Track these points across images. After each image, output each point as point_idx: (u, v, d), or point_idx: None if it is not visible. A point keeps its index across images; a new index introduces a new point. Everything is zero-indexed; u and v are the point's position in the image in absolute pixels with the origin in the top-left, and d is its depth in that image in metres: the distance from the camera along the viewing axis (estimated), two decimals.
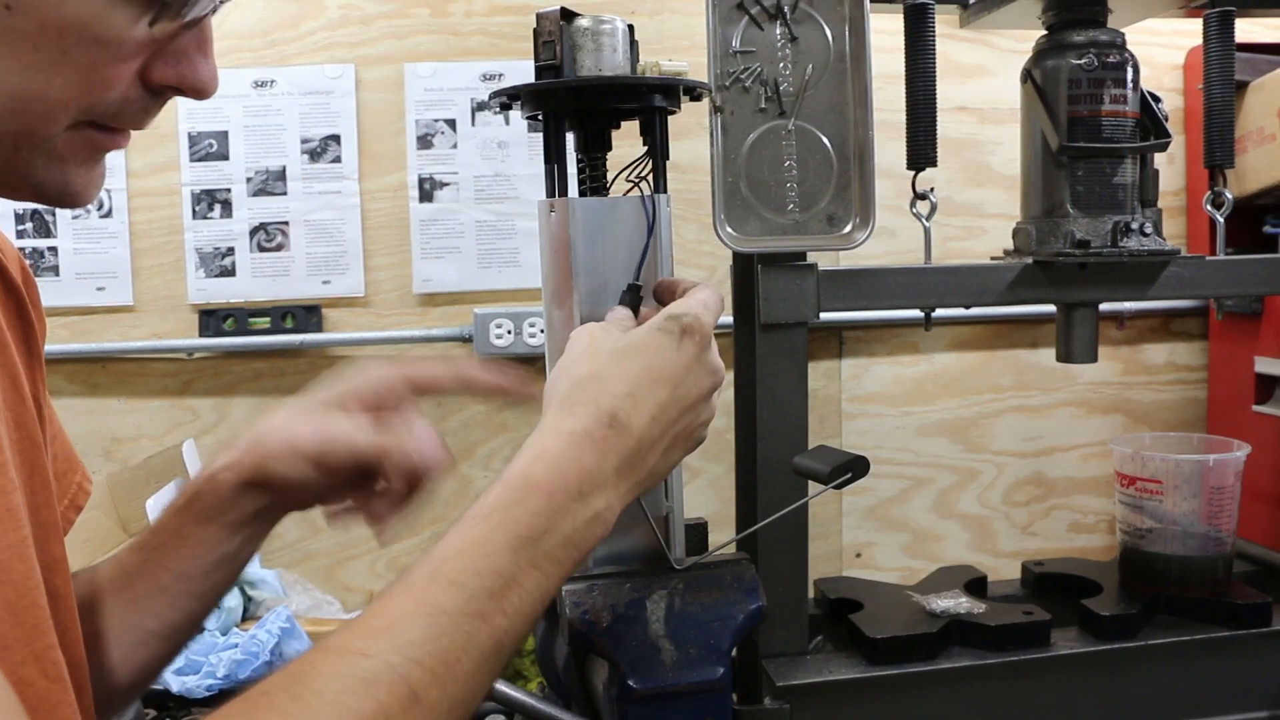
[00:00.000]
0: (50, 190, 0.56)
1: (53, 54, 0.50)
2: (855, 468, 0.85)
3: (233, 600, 1.63)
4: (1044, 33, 1.26)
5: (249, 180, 1.83)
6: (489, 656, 0.57)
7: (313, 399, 0.76)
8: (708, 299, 0.75)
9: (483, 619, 0.57)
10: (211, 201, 1.83)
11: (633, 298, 0.83)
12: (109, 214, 1.81)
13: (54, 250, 1.81)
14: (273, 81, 1.83)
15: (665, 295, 0.81)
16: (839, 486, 0.85)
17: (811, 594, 1.28)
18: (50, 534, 0.64)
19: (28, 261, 1.87)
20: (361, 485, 0.75)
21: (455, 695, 0.54)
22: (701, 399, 0.72)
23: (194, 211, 1.83)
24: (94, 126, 0.55)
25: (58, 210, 1.80)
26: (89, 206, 1.80)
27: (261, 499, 0.75)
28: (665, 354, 0.70)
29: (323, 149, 1.84)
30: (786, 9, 1.07)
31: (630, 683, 0.83)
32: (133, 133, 0.58)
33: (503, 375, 0.79)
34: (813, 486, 0.90)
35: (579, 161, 0.91)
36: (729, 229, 1.08)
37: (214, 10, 0.55)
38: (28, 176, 0.54)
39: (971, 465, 1.99)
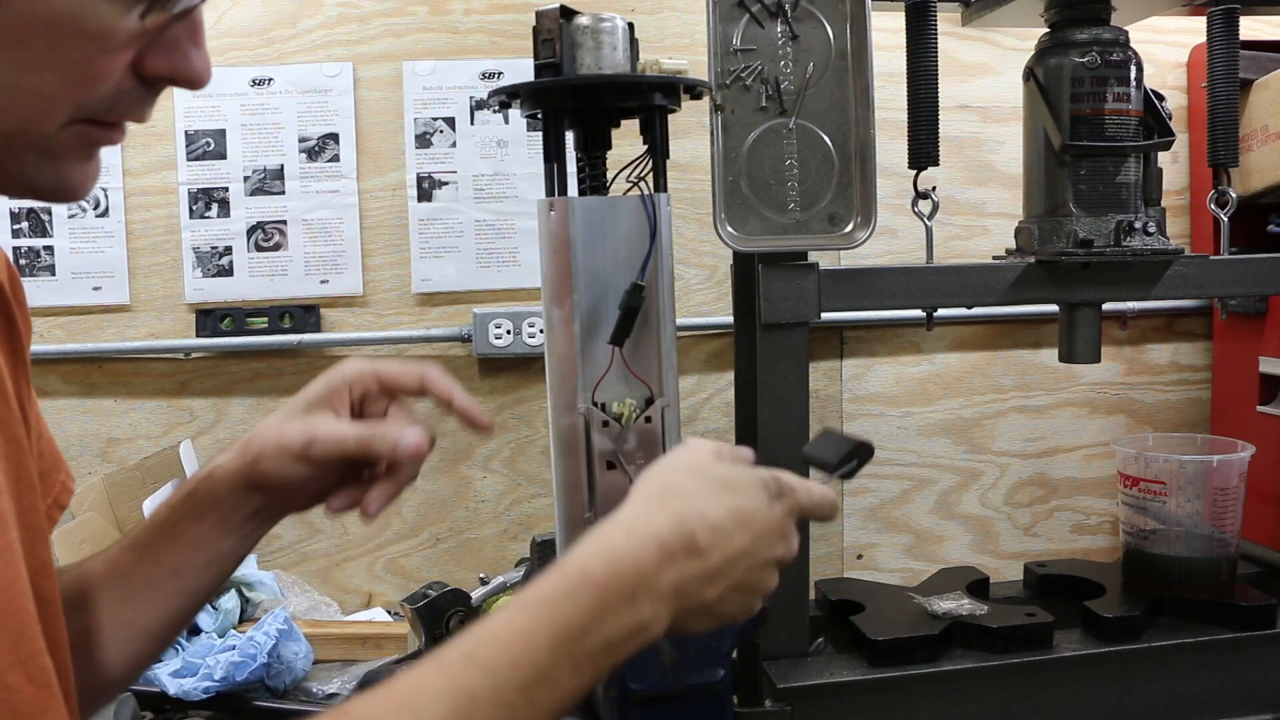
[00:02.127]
0: (45, 187, 0.55)
1: (41, 50, 0.50)
2: (860, 454, 0.84)
3: (230, 602, 1.62)
4: (1046, 31, 1.25)
5: (246, 179, 1.82)
6: None
7: (300, 400, 0.77)
8: (824, 492, 0.74)
9: (509, 709, 0.56)
10: (209, 201, 1.82)
11: (635, 297, 0.82)
12: (105, 213, 1.80)
13: (50, 249, 1.80)
14: (270, 80, 1.82)
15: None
16: (846, 476, 0.85)
17: (812, 595, 1.28)
18: (37, 538, 0.64)
19: (23, 260, 1.86)
20: (352, 477, 0.76)
21: None
22: (772, 561, 0.71)
23: (191, 211, 1.82)
24: (90, 122, 0.54)
25: (54, 209, 1.80)
26: (85, 205, 1.79)
27: (257, 499, 0.76)
28: (759, 504, 0.69)
29: (321, 148, 1.83)
30: (787, 7, 1.06)
31: (630, 685, 0.82)
32: (130, 131, 0.58)
33: (464, 398, 0.78)
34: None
35: (579, 160, 0.91)
36: (730, 228, 1.07)
37: (203, 0, 0.55)
38: (21, 173, 0.54)
39: (973, 466, 1.98)
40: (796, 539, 0.73)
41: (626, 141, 0.91)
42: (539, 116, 0.88)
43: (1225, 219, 1.24)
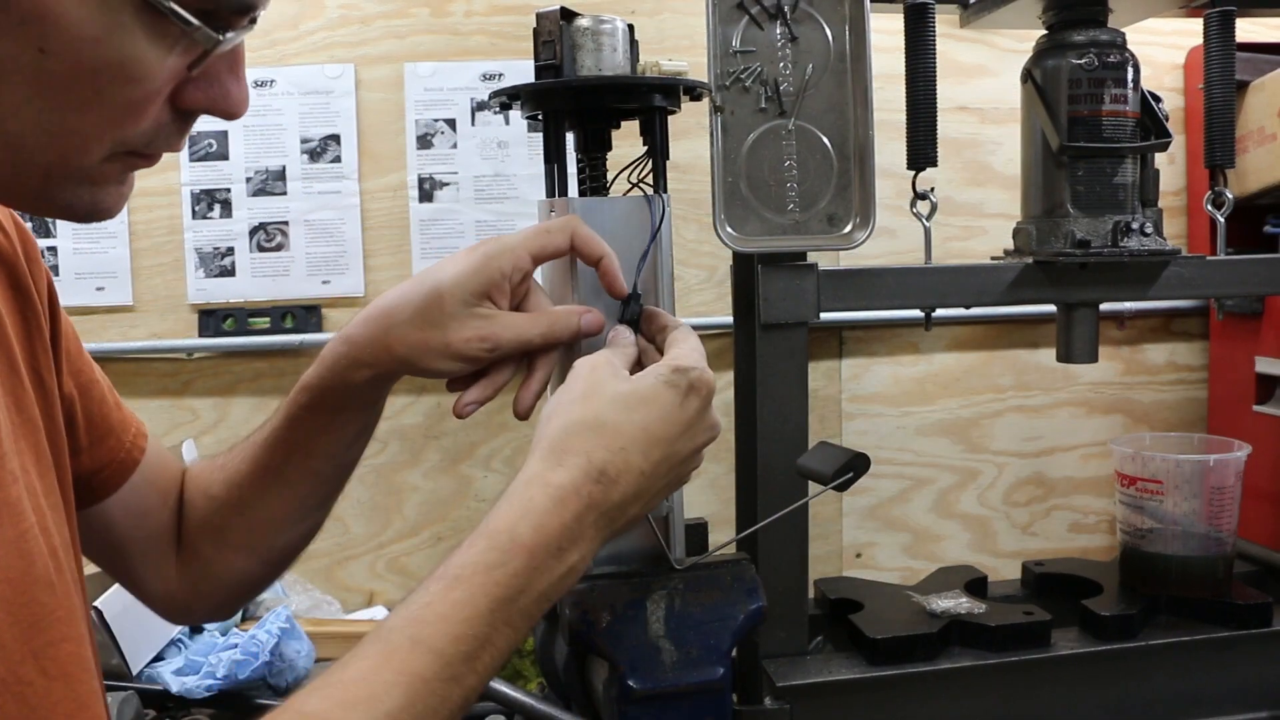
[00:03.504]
0: (80, 210, 0.56)
1: (86, 94, 0.50)
2: (856, 466, 0.85)
3: None
4: (1044, 32, 1.26)
5: (249, 180, 1.83)
6: (456, 713, 0.59)
7: (456, 290, 0.74)
8: (700, 347, 0.75)
9: (456, 682, 0.58)
10: (211, 201, 1.83)
11: (632, 309, 0.82)
12: None
13: (53, 250, 1.81)
14: (272, 81, 1.83)
15: (654, 330, 0.81)
16: (841, 488, 0.85)
17: (811, 594, 1.28)
18: (62, 515, 0.64)
19: None
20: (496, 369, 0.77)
21: None
22: (694, 452, 0.72)
23: (193, 211, 1.83)
24: (129, 154, 0.55)
25: None
26: None
27: (395, 378, 0.78)
28: (668, 410, 0.69)
29: (322, 149, 1.84)
30: (786, 9, 1.07)
31: (630, 683, 0.83)
32: None
33: (612, 261, 0.78)
34: (813, 486, 0.89)
35: (579, 161, 0.91)
36: (729, 229, 1.08)
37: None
38: (57, 199, 0.55)
39: (972, 465, 1.99)
40: (717, 418, 0.73)
41: (627, 142, 0.91)
42: (539, 118, 0.89)
43: (1222, 220, 1.25)
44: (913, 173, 1.20)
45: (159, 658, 1.49)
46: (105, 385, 0.79)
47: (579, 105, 0.88)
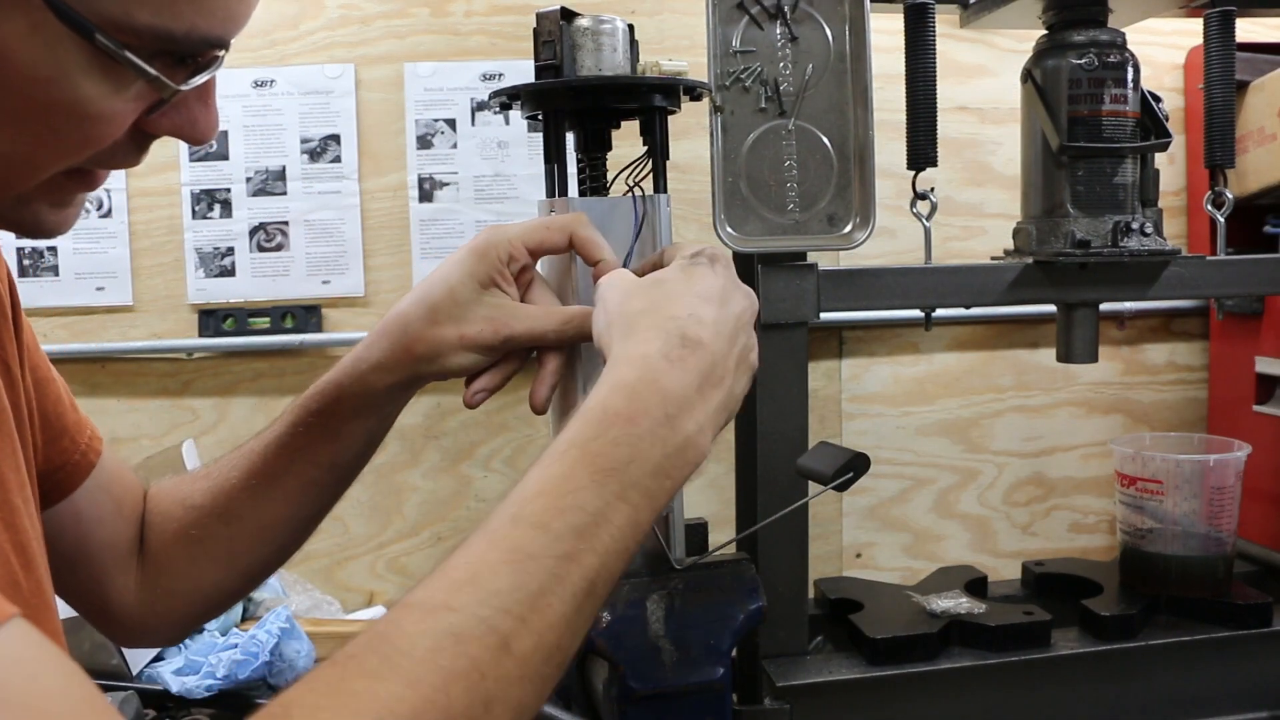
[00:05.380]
0: (24, 226, 0.55)
1: (40, 129, 0.49)
2: (856, 466, 0.85)
3: None
4: (1044, 32, 1.26)
5: (249, 180, 1.83)
6: (582, 598, 0.54)
7: (463, 281, 0.74)
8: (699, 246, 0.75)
9: (572, 560, 0.53)
10: (211, 201, 1.83)
11: None
12: (108, 214, 1.81)
13: (53, 250, 1.81)
14: (272, 81, 1.82)
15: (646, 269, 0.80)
16: (841, 488, 0.85)
17: (812, 594, 1.28)
18: (34, 508, 0.64)
19: (26, 261, 1.86)
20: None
21: (550, 642, 0.52)
22: (747, 316, 0.70)
23: (193, 211, 1.83)
24: (66, 172, 0.53)
25: None
26: (88, 206, 1.80)
27: (414, 387, 0.77)
28: (705, 279, 0.68)
29: (322, 149, 1.84)
30: (786, 9, 1.07)
31: (630, 683, 0.83)
32: None
33: (611, 258, 0.77)
34: (813, 487, 0.90)
35: (579, 161, 0.91)
36: (729, 229, 1.08)
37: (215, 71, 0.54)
38: (1, 217, 0.54)
39: (972, 465, 1.99)
40: (748, 288, 0.72)
41: (627, 142, 0.91)
42: (539, 118, 0.89)
43: (1222, 220, 1.25)
44: (913, 173, 1.20)
45: (159, 657, 1.49)
46: (61, 385, 0.76)
47: (579, 105, 0.88)
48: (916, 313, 1.22)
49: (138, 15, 0.47)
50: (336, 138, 1.84)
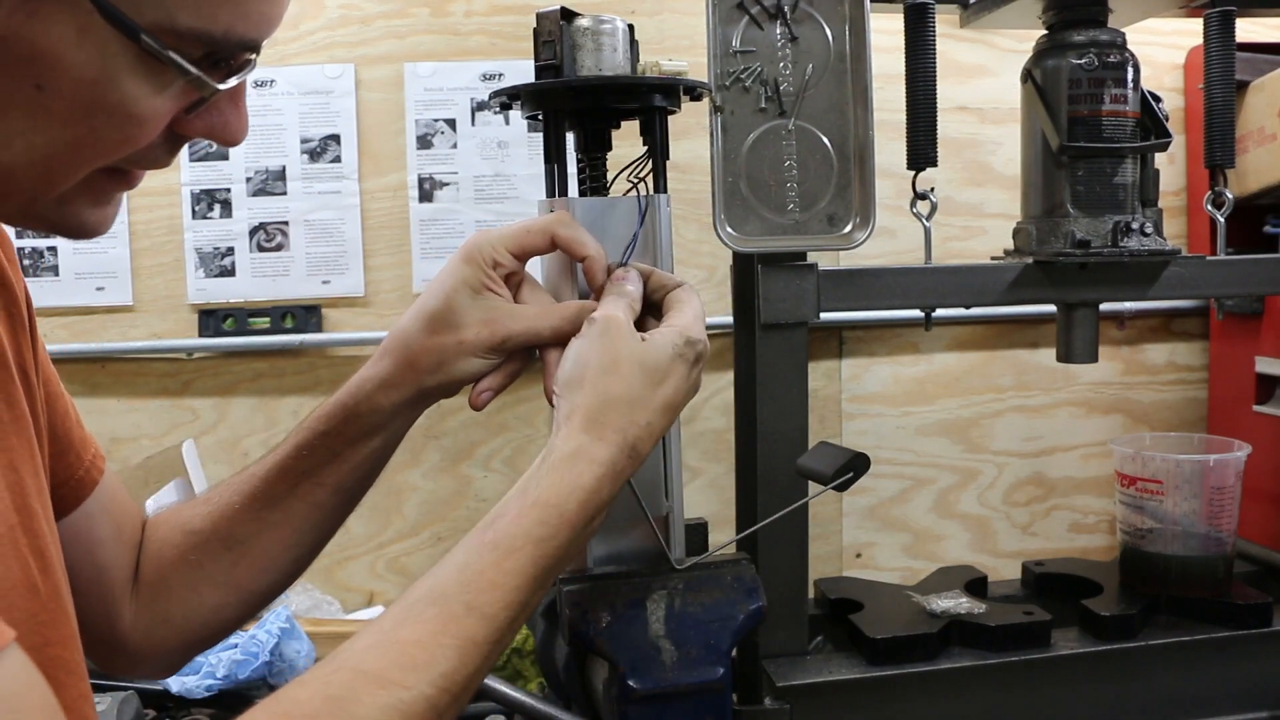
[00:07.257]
0: (64, 227, 0.57)
1: (82, 131, 0.51)
2: (856, 466, 0.85)
3: None
4: (1044, 32, 1.26)
5: (249, 180, 1.83)
6: (491, 669, 0.64)
7: (457, 289, 0.77)
8: (702, 312, 0.78)
9: (500, 643, 0.63)
10: (211, 201, 1.83)
11: None
12: None
13: (53, 250, 1.81)
14: (272, 81, 1.82)
15: (653, 288, 0.81)
16: (841, 488, 0.85)
17: (811, 594, 1.28)
18: (51, 512, 0.64)
19: (27, 261, 1.86)
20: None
21: (463, 704, 0.61)
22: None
23: (193, 211, 1.83)
24: (105, 171, 0.55)
25: None
26: None
27: (420, 405, 0.79)
28: (681, 381, 0.74)
29: (322, 149, 1.84)
30: (786, 9, 1.07)
31: (630, 683, 0.83)
32: None
33: (597, 251, 0.79)
34: (813, 486, 0.90)
35: (579, 161, 0.91)
36: (729, 229, 1.08)
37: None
38: (42, 218, 0.55)
39: (972, 465, 1.99)
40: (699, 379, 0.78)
41: (627, 142, 0.91)
42: (539, 118, 0.89)
43: (1222, 220, 1.25)
44: (913, 173, 1.20)
45: None
46: (69, 401, 0.76)
47: (579, 105, 0.88)
48: (916, 313, 1.22)
49: (179, 17, 0.49)
50: (336, 138, 1.84)
